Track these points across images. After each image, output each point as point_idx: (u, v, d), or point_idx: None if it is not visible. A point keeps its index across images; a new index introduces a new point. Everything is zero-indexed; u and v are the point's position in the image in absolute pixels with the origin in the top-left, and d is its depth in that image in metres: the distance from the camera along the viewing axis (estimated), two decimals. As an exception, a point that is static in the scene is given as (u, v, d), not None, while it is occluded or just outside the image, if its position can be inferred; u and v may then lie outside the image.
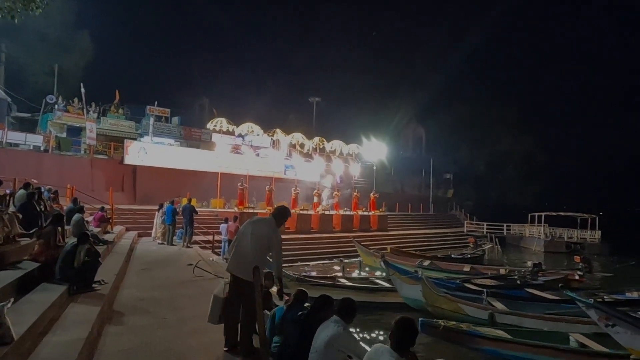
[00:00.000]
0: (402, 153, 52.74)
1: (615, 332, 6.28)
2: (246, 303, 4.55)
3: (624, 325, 6.18)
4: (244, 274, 4.50)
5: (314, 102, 46.90)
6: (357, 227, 25.66)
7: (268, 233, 4.66)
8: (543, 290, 12.31)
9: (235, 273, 4.63)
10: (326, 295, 4.21)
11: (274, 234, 4.69)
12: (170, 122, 31.98)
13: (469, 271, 15.86)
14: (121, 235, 14.96)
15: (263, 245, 4.66)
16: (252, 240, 4.63)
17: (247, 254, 4.58)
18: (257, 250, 4.60)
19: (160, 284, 8.45)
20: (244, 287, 4.53)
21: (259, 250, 4.63)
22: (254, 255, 4.54)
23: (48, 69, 31.84)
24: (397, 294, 11.15)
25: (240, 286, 4.58)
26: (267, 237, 4.65)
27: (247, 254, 4.58)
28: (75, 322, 4.87)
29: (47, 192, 13.02)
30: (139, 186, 24.35)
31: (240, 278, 4.57)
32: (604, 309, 6.45)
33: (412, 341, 2.96)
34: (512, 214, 38.11)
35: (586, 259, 19.50)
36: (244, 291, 4.55)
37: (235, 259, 4.67)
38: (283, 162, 31.09)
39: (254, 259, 4.50)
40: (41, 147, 23.04)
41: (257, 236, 4.64)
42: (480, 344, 7.40)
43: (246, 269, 4.47)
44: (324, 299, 4.17)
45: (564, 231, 31.90)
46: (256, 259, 4.51)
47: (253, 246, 4.61)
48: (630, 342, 6.18)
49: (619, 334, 6.25)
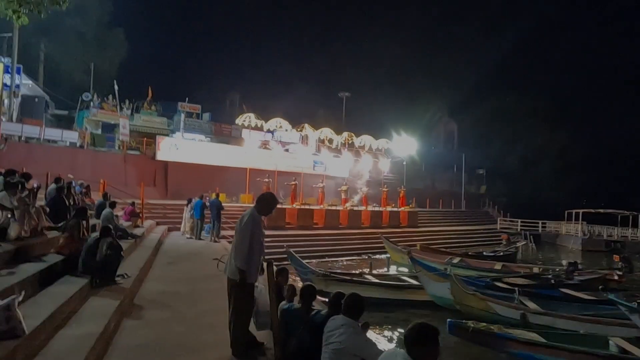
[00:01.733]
0: (433, 148, 51.91)
1: None
2: (234, 303, 4.35)
3: None
4: (230, 273, 4.33)
5: (344, 97, 46.60)
6: (386, 223, 25.35)
7: (242, 224, 4.35)
8: (579, 290, 11.72)
9: (227, 274, 4.44)
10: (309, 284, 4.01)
11: (243, 222, 4.34)
12: (201, 118, 32.48)
13: (500, 269, 15.34)
14: (151, 230, 15.20)
15: (235, 238, 4.43)
16: (234, 237, 4.47)
17: (231, 252, 4.42)
18: (234, 244, 4.41)
19: (184, 277, 8.48)
20: (231, 287, 4.36)
21: (235, 243, 4.40)
22: (234, 252, 4.34)
23: (84, 68, 32.83)
24: (424, 291, 10.88)
25: (229, 286, 4.41)
26: (239, 226, 4.36)
27: (231, 252, 4.43)
28: (93, 315, 4.89)
29: (79, 187, 13.34)
30: (170, 181, 24.78)
31: (228, 278, 4.39)
32: None
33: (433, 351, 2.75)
34: (547, 210, 36.80)
35: (626, 258, 18.55)
36: (231, 291, 4.37)
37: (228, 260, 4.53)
38: (312, 158, 31.04)
39: (234, 255, 4.32)
40: (77, 143, 23.72)
41: (236, 230, 4.44)
42: (513, 347, 7.00)
43: (230, 267, 4.30)
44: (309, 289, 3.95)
45: (603, 229, 30.72)
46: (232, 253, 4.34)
47: (234, 243, 4.44)
48: None
49: None
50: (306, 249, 17.87)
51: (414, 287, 11.47)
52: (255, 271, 4.38)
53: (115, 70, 35.19)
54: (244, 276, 4.22)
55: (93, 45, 34.16)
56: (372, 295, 10.33)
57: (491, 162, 51.97)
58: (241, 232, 4.31)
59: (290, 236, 19.05)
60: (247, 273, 4.24)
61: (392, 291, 11.32)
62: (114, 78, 27.64)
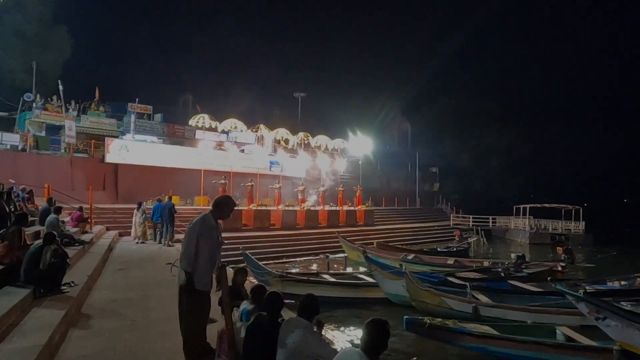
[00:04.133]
0: (387, 147, 52.77)
1: (606, 325, 6.15)
2: (185, 309, 4.16)
3: (615, 318, 6.05)
4: (179, 278, 4.17)
5: (299, 97, 46.58)
6: (343, 223, 25.54)
7: (190, 224, 4.23)
8: (526, 282, 12.25)
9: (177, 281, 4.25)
10: (275, 292, 3.92)
11: (192, 224, 4.21)
12: (152, 119, 31.51)
13: (453, 264, 15.80)
14: (101, 235, 14.69)
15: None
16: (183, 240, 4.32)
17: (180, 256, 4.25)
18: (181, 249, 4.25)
19: (136, 284, 8.20)
20: (180, 293, 4.18)
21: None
22: (180, 254, 4.19)
23: (26, 67, 31.09)
24: (380, 289, 11.03)
25: (180, 292, 4.21)
26: (188, 230, 4.22)
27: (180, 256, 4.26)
28: (36, 327, 4.65)
29: (21, 192, 12.70)
30: (120, 185, 23.91)
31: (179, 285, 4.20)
32: (595, 302, 6.34)
33: (384, 344, 2.79)
34: (498, 206, 38.38)
35: (568, 250, 19.63)
36: (181, 297, 4.19)
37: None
38: (268, 158, 30.80)
39: (180, 257, 4.17)
40: (19, 146, 22.49)
41: (185, 234, 4.30)
42: (467, 340, 7.24)
43: (179, 273, 4.14)
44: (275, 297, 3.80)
45: (549, 223, 32.13)
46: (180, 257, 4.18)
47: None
48: (620, 335, 6.05)
49: (610, 327, 6.13)
50: (264, 250, 17.76)
51: (370, 285, 11.61)
52: (204, 277, 4.15)
53: (59, 70, 33.49)
54: (191, 278, 4.03)
55: (35, 44, 32.39)
56: (328, 294, 10.40)
57: (444, 160, 53.48)
58: (188, 234, 4.16)
59: (247, 238, 18.86)
60: (194, 276, 4.05)
61: (348, 290, 11.40)
62: (58, 78, 26.28)
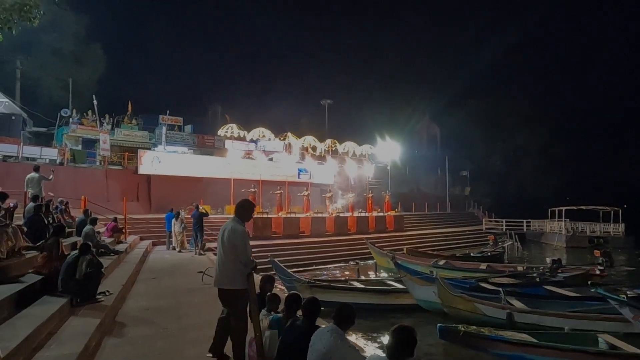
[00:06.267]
0: (416, 152, 52.19)
1: None
2: (233, 312, 4.39)
3: None
4: (223, 283, 4.37)
5: (326, 104, 46.69)
6: (372, 229, 25.40)
7: (229, 232, 4.42)
8: (563, 287, 11.86)
9: (217, 286, 4.48)
10: (314, 297, 3.94)
11: (232, 230, 4.41)
12: (183, 130, 32.27)
13: (485, 270, 15.45)
14: (135, 245, 15.03)
15: (227, 249, 4.42)
16: (221, 248, 4.47)
17: (220, 263, 4.45)
18: (225, 255, 4.41)
19: (168, 292, 8.38)
20: (228, 297, 4.39)
21: (226, 254, 4.41)
22: (224, 262, 4.39)
23: (62, 83, 32.37)
24: (410, 295, 10.88)
25: (224, 298, 4.45)
26: (228, 236, 4.41)
27: (220, 262, 4.45)
28: (72, 335, 4.80)
29: (59, 205, 13.14)
30: (153, 195, 24.53)
31: (222, 289, 4.42)
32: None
33: (411, 352, 2.74)
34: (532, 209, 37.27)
35: (607, 253, 18.93)
36: (229, 301, 4.41)
37: (215, 272, 4.55)
38: (296, 166, 31.00)
39: (225, 265, 4.37)
40: (57, 160, 23.34)
41: (222, 241, 4.45)
42: (504, 348, 7.01)
43: (222, 277, 4.35)
44: (314, 302, 3.83)
45: (586, 225, 31.13)
46: (227, 264, 4.36)
47: (222, 252, 4.45)
48: None
49: None
50: (293, 257, 17.79)
51: (400, 291, 11.45)
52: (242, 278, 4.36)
53: (93, 86, 34.70)
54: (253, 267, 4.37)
55: (70, 61, 33.69)
56: (357, 301, 10.30)
57: (474, 163, 52.50)
58: (243, 240, 4.38)
59: (277, 245, 18.95)
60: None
61: (377, 296, 11.29)
62: (92, 93, 27.26)
